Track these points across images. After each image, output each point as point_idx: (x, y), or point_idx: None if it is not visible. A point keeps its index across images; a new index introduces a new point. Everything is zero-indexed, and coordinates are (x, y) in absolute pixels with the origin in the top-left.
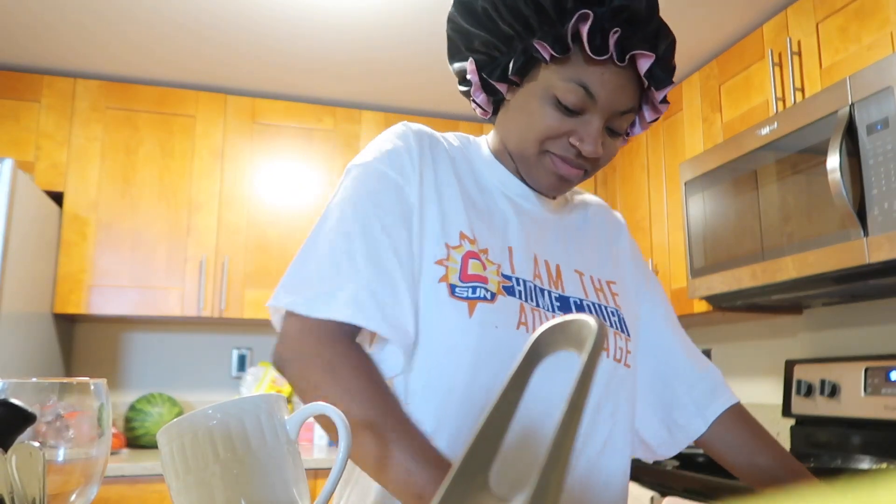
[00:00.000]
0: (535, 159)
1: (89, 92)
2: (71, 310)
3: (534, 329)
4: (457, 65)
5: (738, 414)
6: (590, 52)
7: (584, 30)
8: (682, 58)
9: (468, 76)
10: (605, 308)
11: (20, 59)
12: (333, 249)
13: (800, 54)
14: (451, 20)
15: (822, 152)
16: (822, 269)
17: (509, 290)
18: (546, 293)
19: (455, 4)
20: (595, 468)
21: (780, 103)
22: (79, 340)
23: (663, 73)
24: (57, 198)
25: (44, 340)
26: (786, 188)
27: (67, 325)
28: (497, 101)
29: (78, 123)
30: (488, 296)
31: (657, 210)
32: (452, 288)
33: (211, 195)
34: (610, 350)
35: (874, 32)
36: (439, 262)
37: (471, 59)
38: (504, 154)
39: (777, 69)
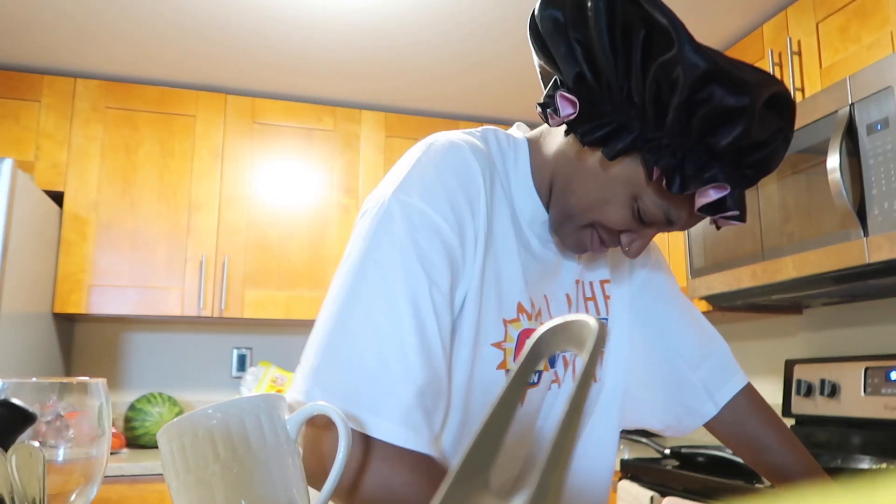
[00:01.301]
0: (577, 227)
1: (89, 92)
2: (71, 309)
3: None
4: (544, 62)
5: (749, 400)
6: (696, 210)
7: (706, 199)
8: None
9: (560, 106)
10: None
11: (20, 59)
12: (379, 334)
13: (800, 54)
14: (550, 21)
15: (822, 152)
16: (822, 269)
17: (551, 362)
18: None
19: (595, 7)
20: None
21: None
22: (79, 340)
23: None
24: (57, 198)
25: (44, 340)
26: (786, 188)
27: (67, 325)
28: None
29: (78, 123)
30: (535, 379)
31: None
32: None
33: (211, 195)
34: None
35: (874, 32)
36: (497, 346)
37: (565, 92)
38: (544, 179)
39: (777, 69)
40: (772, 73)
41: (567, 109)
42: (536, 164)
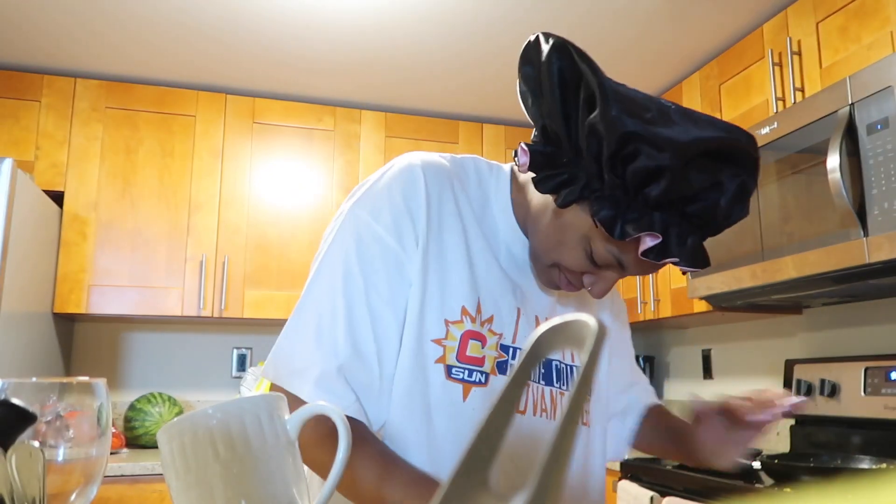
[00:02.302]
0: (544, 266)
1: (89, 92)
2: (71, 309)
3: (523, 407)
4: (525, 82)
5: (663, 409)
6: (639, 255)
7: (646, 244)
8: (682, 58)
9: (519, 155)
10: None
11: (20, 59)
12: (318, 322)
13: (800, 54)
14: (548, 61)
15: (822, 152)
16: (822, 269)
17: (501, 367)
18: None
19: (558, 52)
20: None
21: (780, 103)
22: (79, 340)
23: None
24: (57, 198)
25: (44, 340)
26: (786, 188)
27: (67, 325)
28: None
29: (78, 123)
30: (482, 379)
31: None
32: (449, 369)
33: (211, 195)
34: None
35: (874, 32)
36: (437, 342)
37: (523, 146)
38: (521, 213)
39: (777, 69)
40: (772, 73)
41: (523, 159)
42: (516, 195)
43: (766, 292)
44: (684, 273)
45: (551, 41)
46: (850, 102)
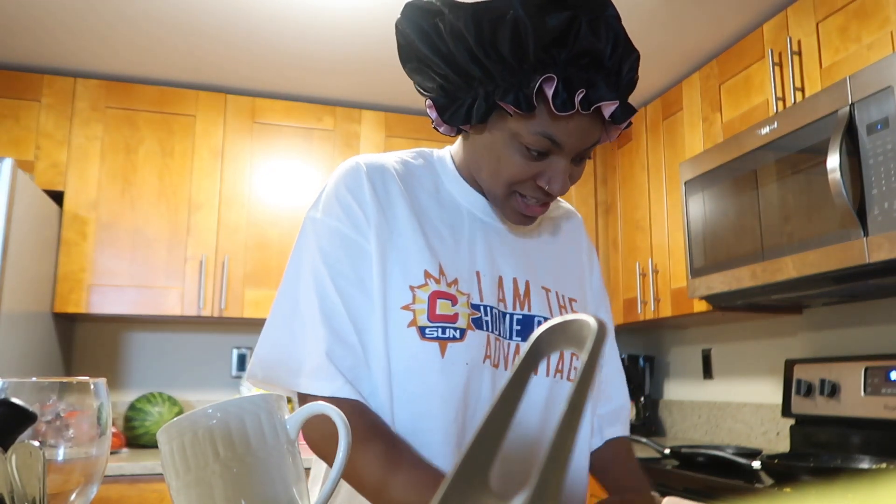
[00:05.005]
0: (504, 199)
1: (89, 91)
2: (71, 309)
3: (496, 362)
4: (410, 72)
5: (625, 447)
6: (555, 111)
7: (549, 92)
8: (682, 58)
9: (427, 111)
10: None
11: (20, 59)
12: (297, 317)
13: (800, 54)
14: (401, 33)
15: (822, 152)
16: (822, 269)
17: (478, 323)
18: (508, 317)
19: (406, 19)
20: None
21: (780, 103)
22: (79, 340)
23: (625, 111)
24: (57, 197)
25: (44, 340)
26: (786, 188)
27: (67, 325)
28: (460, 130)
29: (78, 123)
30: (457, 334)
31: (657, 210)
32: (422, 330)
33: (211, 195)
34: (551, 366)
35: (874, 32)
36: (405, 308)
37: (428, 100)
38: (469, 175)
39: (777, 69)
40: (772, 73)
41: (433, 114)
42: (461, 164)
43: (766, 292)
44: (622, 124)
45: (396, 25)
46: (850, 102)
